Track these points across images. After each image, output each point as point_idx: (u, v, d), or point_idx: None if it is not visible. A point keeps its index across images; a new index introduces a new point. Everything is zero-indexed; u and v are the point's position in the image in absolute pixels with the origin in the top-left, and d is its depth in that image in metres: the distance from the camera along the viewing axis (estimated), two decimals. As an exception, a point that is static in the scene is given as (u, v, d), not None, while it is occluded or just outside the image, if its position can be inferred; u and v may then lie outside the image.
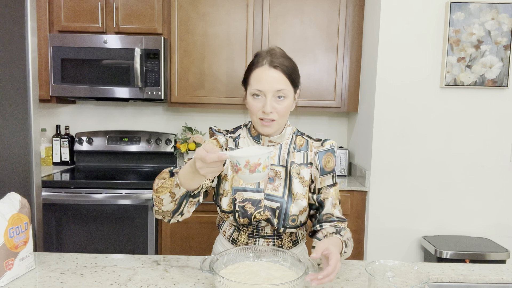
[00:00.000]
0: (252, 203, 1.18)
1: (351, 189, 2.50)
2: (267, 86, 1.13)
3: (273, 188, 1.20)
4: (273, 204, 1.19)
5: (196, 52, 2.73)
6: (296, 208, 1.20)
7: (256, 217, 1.19)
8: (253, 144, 1.25)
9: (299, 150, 1.25)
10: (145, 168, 2.97)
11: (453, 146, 2.44)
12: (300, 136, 1.28)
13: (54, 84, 2.63)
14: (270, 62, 1.14)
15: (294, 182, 1.21)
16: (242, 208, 1.18)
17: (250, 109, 1.18)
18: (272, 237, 1.23)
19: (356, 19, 2.72)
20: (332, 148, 1.24)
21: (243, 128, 1.30)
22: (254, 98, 1.16)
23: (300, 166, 1.23)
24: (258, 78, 1.14)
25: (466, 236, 2.46)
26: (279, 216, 1.19)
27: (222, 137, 1.25)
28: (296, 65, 1.20)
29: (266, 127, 1.17)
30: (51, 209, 2.42)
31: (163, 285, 1.07)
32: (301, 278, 0.94)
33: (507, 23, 2.31)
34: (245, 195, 1.19)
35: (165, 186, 1.07)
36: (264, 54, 1.17)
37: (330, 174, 1.24)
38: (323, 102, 2.76)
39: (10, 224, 1.05)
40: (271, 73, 1.13)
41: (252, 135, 1.26)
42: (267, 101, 1.13)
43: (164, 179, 1.08)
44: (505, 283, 1.18)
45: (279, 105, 1.15)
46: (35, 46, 1.46)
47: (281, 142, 1.25)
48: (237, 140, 1.26)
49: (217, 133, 1.26)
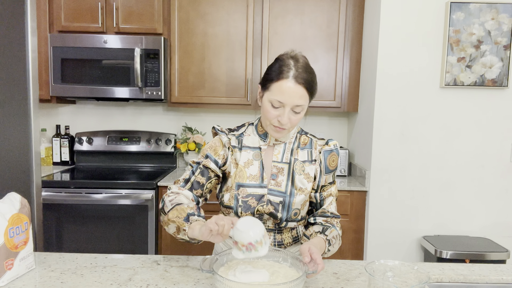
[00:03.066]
0: (255, 198, 1.21)
1: (351, 189, 2.50)
2: (289, 100, 1.13)
3: (276, 184, 1.23)
4: (276, 198, 1.22)
5: (196, 52, 2.72)
6: (299, 202, 1.23)
7: (259, 210, 1.21)
8: (258, 142, 1.27)
9: (303, 148, 1.28)
10: (145, 168, 2.97)
11: (453, 146, 2.44)
12: (304, 135, 1.31)
13: (54, 84, 2.63)
14: (296, 77, 1.13)
15: (298, 177, 1.24)
16: (245, 202, 1.21)
17: (266, 114, 1.19)
18: (273, 231, 1.25)
19: (356, 19, 2.72)
20: (336, 148, 1.29)
21: (248, 126, 1.32)
22: (272, 106, 1.17)
23: (304, 163, 1.26)
24: (281, 90, 1.13)
25: (466, 236, 2.46)
26: (282, 210, 1.22)
27: (225, 136, 1.27)
28: (315, 75, 1.20)
29: (278, 133, 1.21)
30: (51, 209, 2.42)
31: (163, 285, 1.07)
32: (301, 277, 0.94)
33: (507, 23, 2.31)
34: (248, 190, 1.22)
35: (176, 222, 1.10)
36: (288, 62, 1.15)
37: (331, 173, 1.29)
38: (323, 102, 2.76)
39: (10, 224, 1.05)
40: (295, 89, 1.13)
41: (259, 133, 1.28)
42: (285, 113, 1.15)
43: (179, 218, 1.10)
44: (505, 283, 1.18)
45: (294, 117, 1.17)
46: (35, 46, 1.46)
47: (286, 141, 1.28)
48: (240, 138, 1.28)
49: (219, 132, 1.29)
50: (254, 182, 1.22)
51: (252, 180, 1.22)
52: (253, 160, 1.25)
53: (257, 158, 1.25)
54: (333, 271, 1.20)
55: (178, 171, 2.91)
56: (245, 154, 1.25)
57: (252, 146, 1.26)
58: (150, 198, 2.43)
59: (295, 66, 1.14)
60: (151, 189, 2.45)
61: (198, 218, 1.10)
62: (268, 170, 1.25)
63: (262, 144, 1.26)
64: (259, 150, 1.26)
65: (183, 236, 1.09)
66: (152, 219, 2.46)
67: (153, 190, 2.45)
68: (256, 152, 1.26)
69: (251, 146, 1.26)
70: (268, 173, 1.24)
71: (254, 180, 1.22)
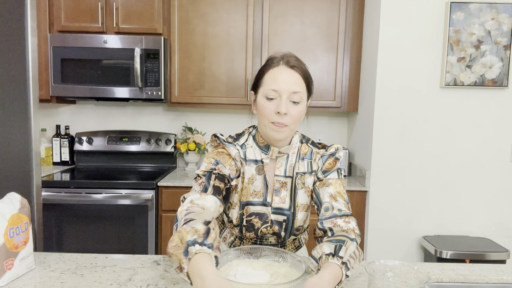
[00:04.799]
0: (259, 218, 1.16)
1: (351, 189, 2.50)
2: (283, 86, 1.07)
3: (280, 201, 1.17)
4: (279, 217, 1.17)
5: (196, 52, 2.72)
6: (301, 219, 1.20)
7: (263, 231, 1.18)
8: (260, 155, 1.18)
9: (303, 159, 1.21)
10: (145, 168, 2.97)
11: (453, 146, 2.44)
12: (305, 144, 1.23)
13: (54, 84, 2.63)
14: (287, 63, 1.09)
15: (299, 193, 1.19)
16: (249, 222, 1.17)
17: (262, 112, 1.10)
18: (276, 246, 1.23)
19: (356, 19, 2.72)
20: (334, 152, 1.19)
21: (247, 136, 1.22)
22: (267, 100, 1.09)
23: (304, 175, 1.19)
24: (273, 78, 1.08)
25: (466, 236, 2.46)
26: (286, 229, 1.18)
27: (234, 149, 1.16)
28: (307, 67, 1.16)
29: (278, 132, 1.10)
30: (51, 209, 2.42)
31: (163, 285, 1.07)
32: (302, 277, 0.94)
33: (507, 23, 2.31)
34: (252, 208, 1.17)
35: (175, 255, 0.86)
36: (278, 57, 1.12)
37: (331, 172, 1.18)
38: (323, 102, 2.76)
39: (10, 224, 1.04)
40: (288, 73, 1.08)
41: (259, 145, 1.18)
42: (282, 102, 1.07)
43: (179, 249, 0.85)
44: (505, 283, 1.18)
45: (293, 109, 1.09)
46: (35, 46, 1.46)
47: (289, 152, 1.20)
48: (244, 151, 1.19)
49: (226, 143, 1.17)
50: (257, 200, 1.17)
51: (256, 197, 1.17)
52: (256, 175, 1.17)
53: (260, 172, 1.17)
54: (333, 271, 1.20)
55: (178, 171, 2.91)
56: (249, 168, 1.17)
57: (254, 159, 1.18)
58: (150, 198, 2.43)
59: (285, 57, 1.12)
60: (151, 189, 2.45)
61: (199, 250, 0.84)
62: (271, 184, 1.18)
63: (264, 157, 1.18)
64: (261, 164, 1.18)
65: (184, 277, 0.84)
66: (152, 219, 2.46)
67: (153, 190, 2.45)
68: (259, 166, 1.18)
69: (253, 159, 1.18)
70: (271, 188, 1.18)
71: (257, 197, 1.16)
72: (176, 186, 2.49)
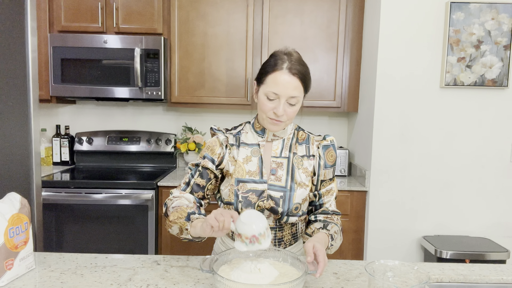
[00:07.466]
0: (255, 194, 1.21)
1: (351, 189, 2.50)
2: (283, 91, 1.16)
3: (275, 179, 1.23)
4: (276, 193, 1.22)
5: (196, 52, 2.72)
6: (299, 196, 1.23)
7: (260, 205, 1.21)
8: (256, 139, 1.28)
9: (301, 143, 1.30)
10: (145, 168, 2.97)
11: (453, 146, 2.44)
12: (301, 131, 1.33)
13: (54, 84, 2.63)
14: (290, 68, 1.16)
15: (297, 172, 1.25)
16: (246, 198, 1.20)
17: (262, 107, 1.21)
18: (274, 229, 1.25)
19: (356, 19, 2.72)
20: (332, 144, 1.30)
21: (245, 124, 1.33)
22: (267, 99, 1.19)
23: (303, 158, 1.27)
24: (275, 82, 1.16)
25: (466, 236, 2.46)
26: (283, 204, 1.21)
27: (222, 135, 1.28)
28: (309, 70, 1.23)
29: (275, 125, 1.22)
30: (51, 209, 2.42)
31: (163, 285, 1.07)
32: (302, 277, 0.94)
33: (507, 23, 2.31)
34: (248, 186, 1.22)
35: (178, 223, 1.11)
36: (282, 56, 1.19)
37: (331, 168, 1.30)
38: (323, 102, 2.76)
39: (10, 224, 1.05)
40: (289, 80, 1.16)
41: (256, 130, 1.29)
42: (280, 104, 1.17)
43: (180, 218, 1.11)
44: (505, 283, 1.18)
45: (290, 109, 1.19)
46: (35, 46, 1.46)
47: (284, 137, 1.29)
48: (238, 136, 1.29)
49: (217, 131, 1.30)
50: (253, 178, 1.22)
51: (251, 176, 1.23)
52: (251, 157, 1.25)
53: (255, 154, 1.26)
54: (333, 271, 1.20)
55: (178, 171, 2.91)
56: (244, 150, 1.26)
57: (250, 143, 1.27)
58: (150, 198, 2.43)
59: (289, 59, 1.18)
60: (151, 189, 2.45)
61: (198, 216, 1.11)
62: (267, 165, 1.25)
63: (260, 140, 1.27)
64: (257, 147, 1.27)
65: (186, 235, 1.10)
66: (152, 219, 2.46)
67: (153, 190, 2.45)
68: (255, 149, 1.26)
69: (249, 143, 1.27)
70: (268, 168, 1.25)
71: (253, 176, 1.23)
72: (176, 186, 2.49)
